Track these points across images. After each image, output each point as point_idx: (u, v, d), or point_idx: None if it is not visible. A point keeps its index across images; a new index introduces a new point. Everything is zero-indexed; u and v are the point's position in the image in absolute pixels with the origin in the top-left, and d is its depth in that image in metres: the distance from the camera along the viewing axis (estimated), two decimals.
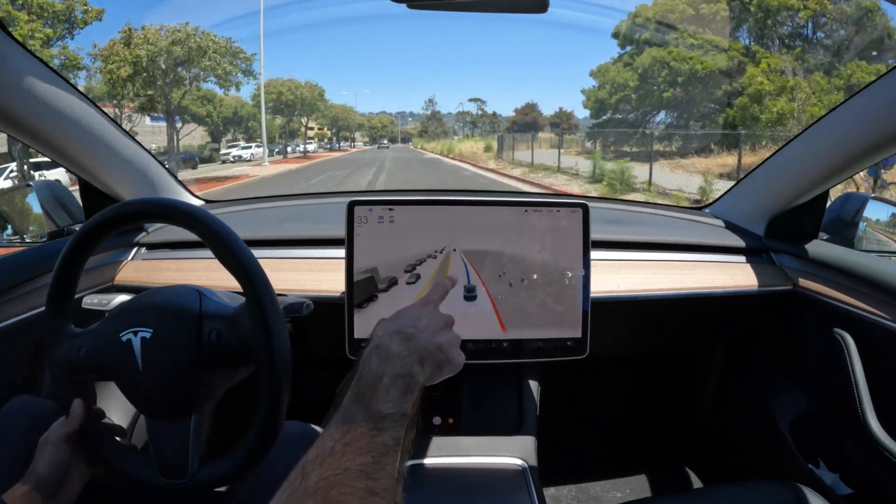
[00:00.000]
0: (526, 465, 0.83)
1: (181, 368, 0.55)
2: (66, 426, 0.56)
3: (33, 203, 1.06)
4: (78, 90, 0.82)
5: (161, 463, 0.56)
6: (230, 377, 0.61)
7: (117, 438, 0.60)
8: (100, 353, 0.56)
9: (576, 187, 11.46)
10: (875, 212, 1.09)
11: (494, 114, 47.74)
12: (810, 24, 13.71)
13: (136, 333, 0.54)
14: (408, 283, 0.76)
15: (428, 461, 0.84)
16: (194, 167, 19.06)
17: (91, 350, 0.57)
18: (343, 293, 0.77)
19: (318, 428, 0.76)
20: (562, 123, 34.24)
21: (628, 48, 17.30)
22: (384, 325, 0.52)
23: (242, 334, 0.55)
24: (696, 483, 1.31)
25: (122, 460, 0.58)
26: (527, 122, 37.51)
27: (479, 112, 49.76)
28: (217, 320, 0.56)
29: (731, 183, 1.22)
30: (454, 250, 0.76)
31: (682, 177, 10.32)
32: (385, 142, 45.30)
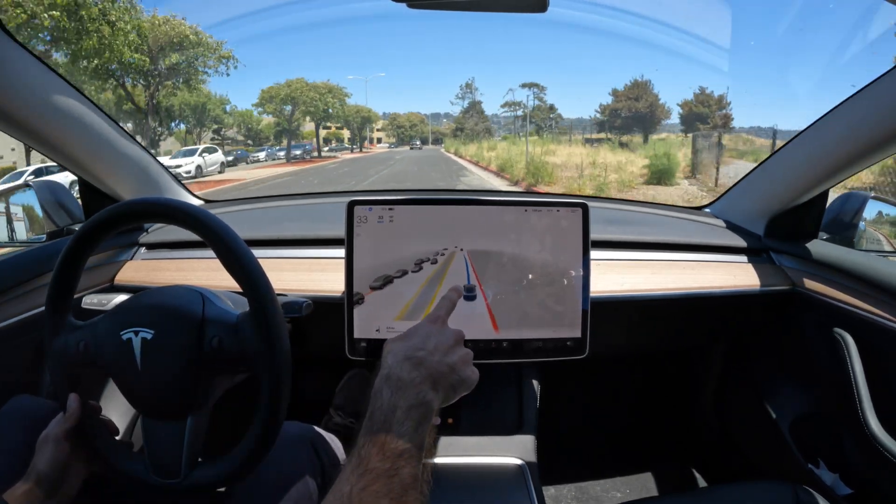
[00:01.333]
0: (526, 465, 0.83)
1: (180, 371, 0.54)
2: (64, 423, 0.56)
3: (33, 203, 1.06)
4: (78, 90, 0.82)
5: (154, 462, 0.55)
6: (229, 379, 0.61)
7: (116, 438, 0.60)
8: (99, 349, 0.56)
9: None
10: (875, 212, 1.09)
11: (552, 107, 32.32)
12: None
13: (136, 333, 0.54)
14: (407, 283, 0.76)
15: (428, 461, 0.84)
16: None
17: (91, 345, 0.56)
18: (343, 293, 0.77)
19: (317, 428, 0.76)
20: (710, 116, 20.18)
21: None
22: (392, 349, 0.50)
23: (244, 341, 0.54)
24: (697, 483, 1.31)
25: (115, 456, 0.57)
26: (639, 113, 22.94)
27: (537, 103, 32.48)
28: (219, 327, 0.55)
29: None
30: (460, 250, 0.76)
31: None
32: (417, 143, 38.20)
